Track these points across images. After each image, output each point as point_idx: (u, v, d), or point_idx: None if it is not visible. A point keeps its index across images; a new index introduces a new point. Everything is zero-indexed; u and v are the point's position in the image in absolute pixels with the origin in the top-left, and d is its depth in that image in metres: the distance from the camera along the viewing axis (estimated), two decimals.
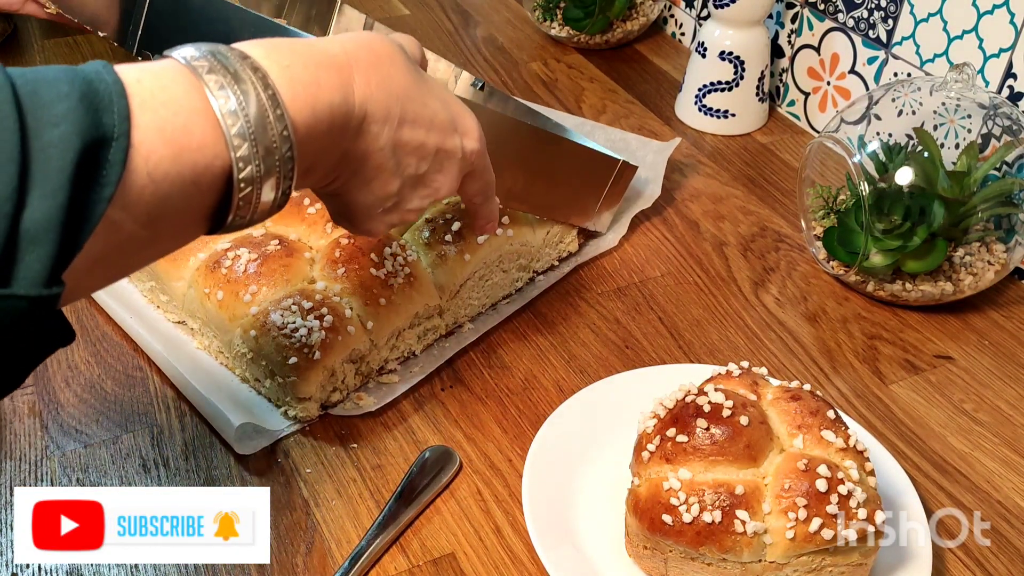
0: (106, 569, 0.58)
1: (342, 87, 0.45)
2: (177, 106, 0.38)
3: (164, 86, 0.38)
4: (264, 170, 0.40)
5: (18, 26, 1.19)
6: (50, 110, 0.33)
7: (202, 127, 0.38)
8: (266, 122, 0.40)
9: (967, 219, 0.77)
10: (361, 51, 0.47)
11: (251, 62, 0.41)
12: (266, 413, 0.68)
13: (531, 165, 0.76)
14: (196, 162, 0.38)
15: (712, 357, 0.75)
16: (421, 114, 0.50)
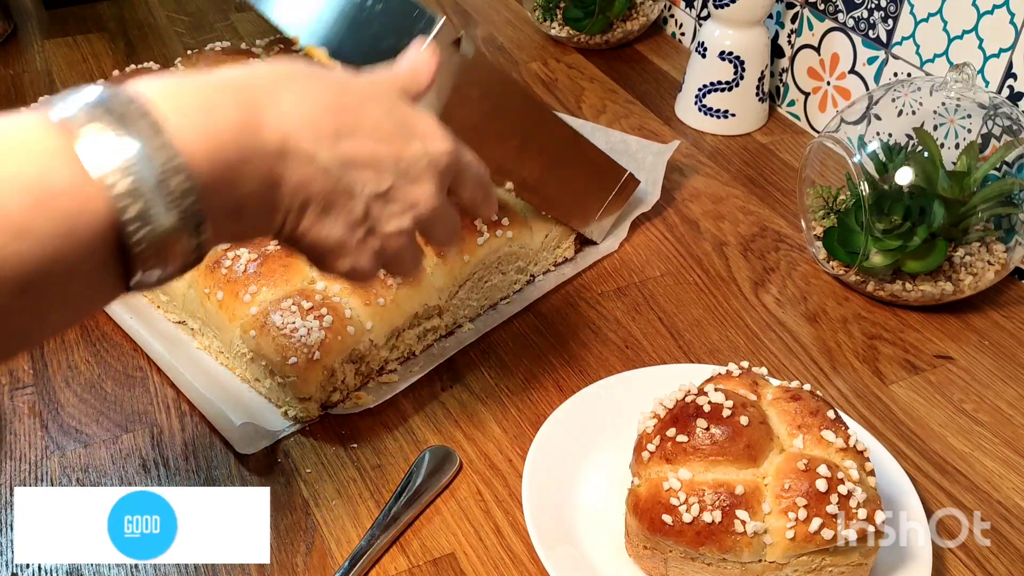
0: (106, 569, 0.58)
1: (240, 105, 0.40)
2: (29, 153, 0.34)
3: (7, 132, 0.34)
4: (158, 205, 0.35)
5: (18, 26, 1.20)
6: None
7: (66, 172, 0.34)
8: (147, 153, 0.35)
9: (967, 219, 0.77)
10: (266, 72, 0.43)
11: (128, 95, 0.36)
12: (266, 413, 0.68)
13: (550, 155, 0.77)
14: (64, 210, 0.33)
15: (712, 357, 0.75)
16: (361, 124, 0.45)
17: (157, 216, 0.35)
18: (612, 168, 0.83)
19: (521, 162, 0.70)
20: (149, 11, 1.26)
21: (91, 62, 1.13)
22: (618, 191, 0.84)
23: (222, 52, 1.00)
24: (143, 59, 1.08)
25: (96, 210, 0.34)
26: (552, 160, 0.77)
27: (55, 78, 1.10)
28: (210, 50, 1.00)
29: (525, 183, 0.76)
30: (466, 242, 0.75)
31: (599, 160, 0.82)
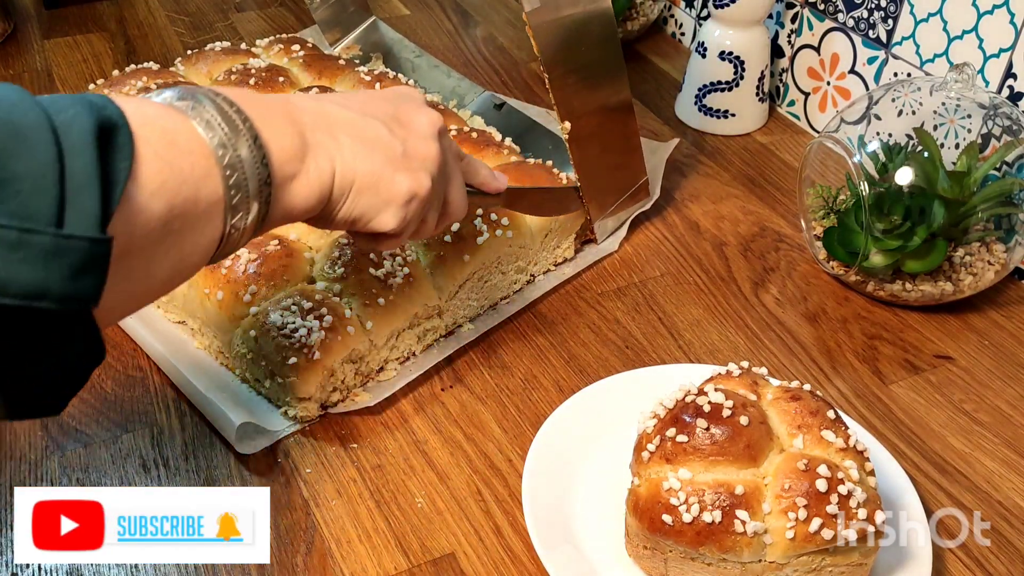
0: (106, 569, 0.58)
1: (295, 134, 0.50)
2: (158, 116, 0.43)
3: (141, 106, 0.42)
4: (242, 160, 0.45)
5: (18, 26, 1.20)
6: (57, 105, 0.37)
7: (184, 135, 0.43)
8: (232, 123, 0.45)
9: (967, 219, 0.77)
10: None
11: (213, 91, 0.46)
12: (266, 413, 0.68)
13: (607, 114, 0.81)
14: (191, 165, 0.42)
15: (712, 357, 0.75)
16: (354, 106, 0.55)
17: (245, 172, 0.45)
18: (640, 164, 0.85)
19: (585, 107, 0.77)
20: (149, 11, 1.26)
21: (91, 62, 1.13)
22: (633, 192, 0.85)
23: (222, 52, 1.00)
24: (143, 59, 1.08)
25: (211, 168, 0.43)
26: (606, 120, 0.81)
27: (55, 78, 1.10)
28: (210, 50, 1.01)
29: (579, 133, 0.78)
30: (466, 242, 0.75)
31: (636, 152, 0.85)
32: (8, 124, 0.35)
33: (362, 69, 0.98)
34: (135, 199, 0.39)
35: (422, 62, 1.11)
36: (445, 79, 1.07)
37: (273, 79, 0.94)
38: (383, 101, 0.57)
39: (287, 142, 0.48)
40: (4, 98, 0.36)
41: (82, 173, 0.36)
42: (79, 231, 0.35)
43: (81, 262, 0.35)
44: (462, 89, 1.05)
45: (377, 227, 0.54)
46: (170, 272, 0.44)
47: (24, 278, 0.33)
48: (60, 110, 0.37)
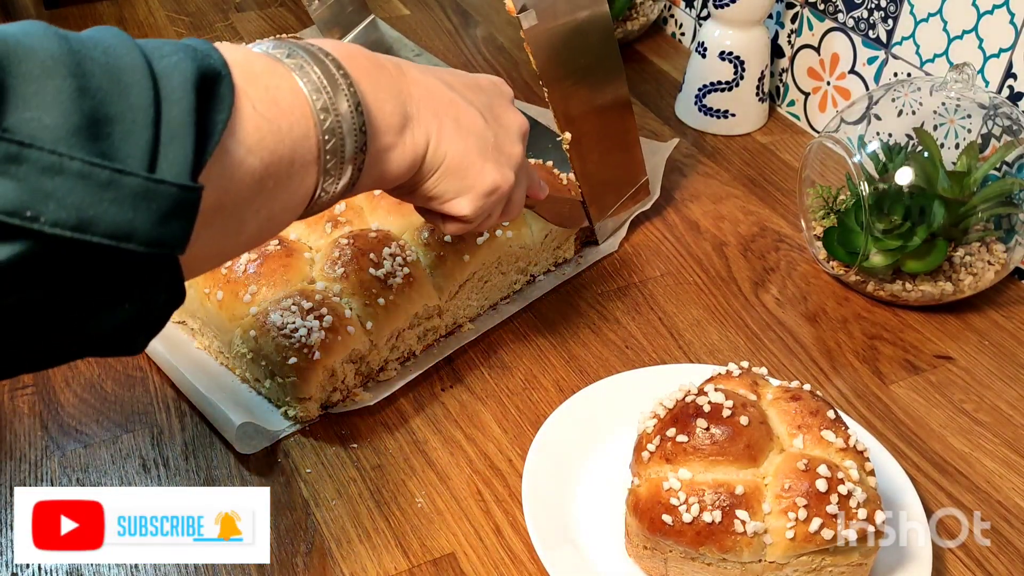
0: (106, 569, 0.58)
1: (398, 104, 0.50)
2: (263, 72, 0.42)
3: (248, 59, 0.42)
4: (342, 126, 0.44)
5: None
6: (160, 50, 0.37)
7: (287, 93, 0.43)
8: (337, 87, 0.44)
9: (967, 219, 0.77)
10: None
11: (322, 50, 0.45)
12: (266, 413, 0.68)
13: (607, 119, 0.81)
14: (291, 125, 0.42)
15: (712, 357, 0.75)
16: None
17: (344, 135, 0.45)
18: (639, 164, 0.86)
19: (584, 113, 0.77)
20: (149, 11, 1.26)
21: None
22: (633, 193, 0.85)
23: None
24: None
25: (310, 130, 0.43)
26: (606, 126, 0.81)
27: None
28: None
29: (580, 140, 0.78)
30: (466, 242, 0.75)
31: (635, 150, 0.85)
32: (106, 67, 0.35)
33: None
34: (231, 153, 0.39)
35: (422, 61, 1.11)
36: None
37: None
38: (480, 91, 0.57)
39: (389, 113, 0.48)
40: (104, 41, 0.36)
41: (177, 120, 0.36)
42: (169, 177, 0.35)
43: (170, 207, 0.35)
44: None
45: (453, 210, 0.55)
46: (258, 228, 0.44)
47: (112, 218, 0.33)
48: (163, 56, 0.37)
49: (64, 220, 0.32)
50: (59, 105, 0.33)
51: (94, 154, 0.33)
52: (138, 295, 0.37)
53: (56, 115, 0.33)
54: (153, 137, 0.35)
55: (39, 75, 0.33)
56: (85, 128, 0.33)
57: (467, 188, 0.54)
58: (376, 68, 0.49)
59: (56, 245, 0.33)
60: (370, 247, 0.71)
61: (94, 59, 0.35)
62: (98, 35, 0.36)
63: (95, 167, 0.33)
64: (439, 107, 0.52)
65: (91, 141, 0.33)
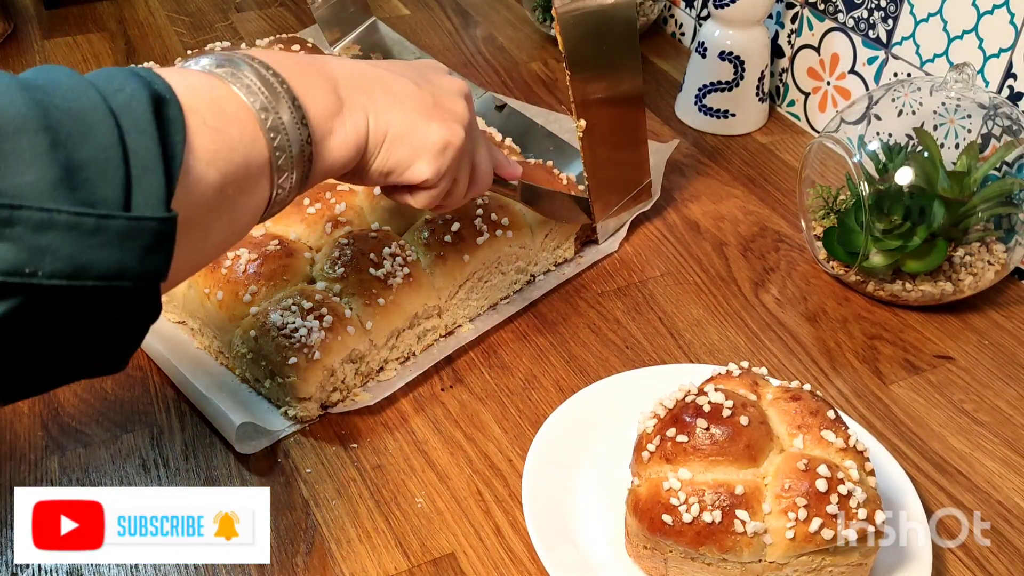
0: (106, 569, 0.58)
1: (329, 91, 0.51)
2: (202, 85, 0.44)
3: (186, 77, 0.44)
4: (284, 122, 0.46)
5: (18, 26, 1.20)
6: (112, 83, 0.38)
7: (229, 102, 0.44)
8: (271, 88, 0.46)
9: (967, 219, 0.77)
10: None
11: (248, 55, 0.47)
12: (266, 413, 0.68)
13: (619, 115, 0.82)
14: (239, 132, 0.44)
15: (712, 357, 0.75)
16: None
17: (288, 131, 0.46)
18: (645, 165, 0.86)
19: (601, 104, 0.78)
20: (149, 11, 1.26)
21: (91, 62, 1.13)
22: (636, 194, 0.85)
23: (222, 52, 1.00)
24: (143, 59, 1.08)
25: (257, 133, 0.45)
26: (619, 121, 0.82)
27: None
28: (210, 50, 1.00)
29: (593, 130, 0.78)
30: (466, 242, 0.75)
31: (643, 150, 0.85)
32: (68, 112, 0.36)
33: None
34: (192, 170, 0.40)
35: None
36: None
37: None
38: (409, 67, 0.58)
39: (323, 100, 0.49)
40: (58, 83, 0.37)
41: (145, 153, 0.37)
42: (148, 212, 0.36)
43: (152, 241, 0.36)
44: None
45: (412, 178, 0.55)
46: (224, 235, 0.46)
47: (103, 261, 0.35)
48: (116, 89, 0.38)
49: (60, 271, 0.34)
50: (37, 161, 0.34)
51: (76, 203, 0.34)
52: (123, 320, 0.38)
53: (36, 171, 0.34)
54: (125, 175, 0.36)
55: (12, 134, 0.34)
56: (64, 179, 0.34)
57: (418, 151, 0.55)
58: (299, 63, 0.50)
59: (52, 293, 0.34)
60: (370, 247, 0.71)
61: (57, 106, 0.36)
62: (51, 77, 0.38)
63: (82, 216, 0.34)
64: (367, 84, 0.53)
65: (71, 191, 0.34)
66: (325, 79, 0.51)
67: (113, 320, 0.38)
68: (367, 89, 0.53)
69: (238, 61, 0.46)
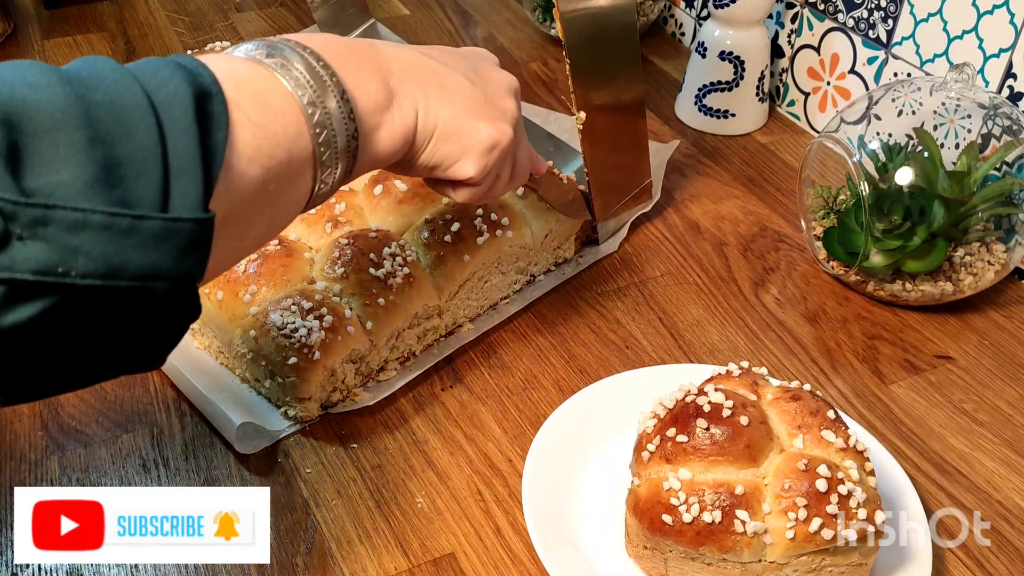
0: (106, 569, 0.58)
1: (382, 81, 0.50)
2: (249, 77, 0.43)
3: (233, 68, 0.43)
4: (331, 117, 0.45)
5: (18, 26, 1.19)
6: (155, 77, 0.38)
7: (275, 95, 0.43)
8: (320, 80, 0.45)
9: (967, 219, 0.77)
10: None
11: (300, 44, 0.46)
12: (266, 413, 0.68)
13: (619, 113, 0.82)
14: (283, 127, 0.43)
15: (712, 357, 0.75)
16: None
17: (333, 128, 0.45)
18: (645, 166, 0.86)
19: (601, 99, 0.78)
20: (149, 11, 1.26)
21: None
22: (636, 194, 0.85)
23: (222, 52, 1.00)
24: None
25: (302, 127, 0.44)
26: (619, 118, 0.82)
27: None
28: (210, 50, 1.01)
29: (593, 125, 0.78)
30: (466, 242, 0.75)
31: (643, 149, 0.86)
32: (110, 108, 0.35)
33: None
34: (233, 168, 0.40)
35: None
36: None
37: None
38: (462, 58, 0.58)
39: (373, 93, 0.49)
40: (102, 76, 0.37)
41: (184, 152, 0.36)
42: (184, 213, 0.36)
43: (188, 242, 0.36)
44: None
45: (457, 174, 0.55)
46: (264, 230, 0.45)
47: (137, 261, 0.34)
48: (159, 84, 0.37)
49: (94, 271, 0.33)
50: (74, 158, 0.34)
51: (112, 202, 0.34)
52: (160, 319, 0.38)
53: (72, 169, 0.34)
54: (163, 174, 0.36)
55: (50, 129, 0.34)
56: (101, 178, 0.34)
57: (466, 149, 0.54)
58: (353, 52, 0.49)
59: (86, 292, 0.34)
60: (370, 247, 0.71)
61: (98, 102, 0.35)
62: (94, 69, 0.37)
63: (116, 216, 0.34)
64: (421, 76, 0.52)
65: (107, 189, 0.34)
66: (377, 69, 0.50)
67: (150, 319, 0.38)
68: (420, 81, 0.52)
69: (288, 50, 0.45)
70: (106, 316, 0.36)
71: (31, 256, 0.32)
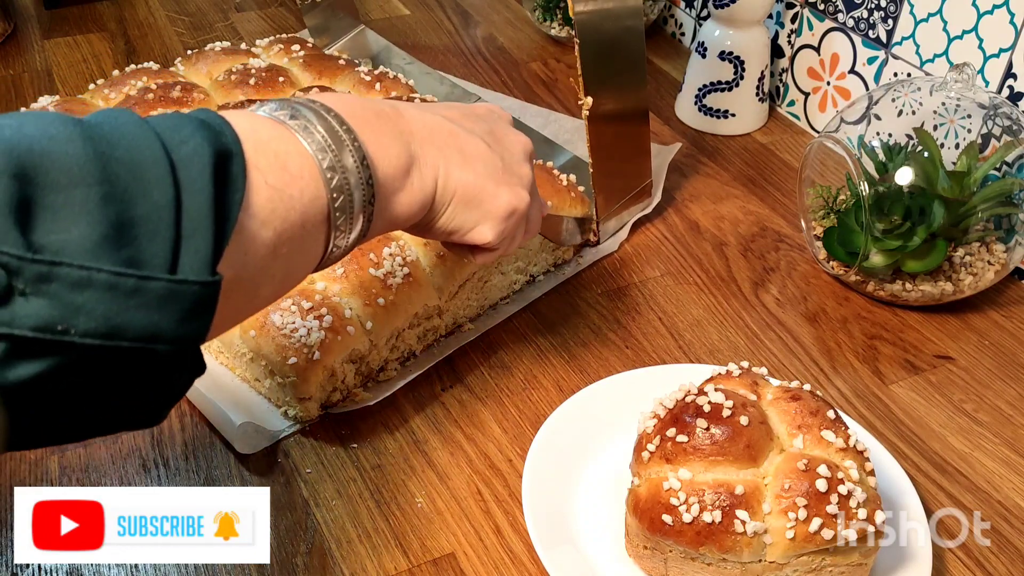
0: (106, 569, 0.58)
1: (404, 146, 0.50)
2: (271, 139, 0.43)
3: (255, 128, 0.43)
4: (349, 182, 0.45)
5: (18, 26, 1.20)
6: (177, 134, 0.38)
7: (295, 157, 0.43)
8: (341, 143, 0.45)
9: (967, 219, 0.77)
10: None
11: (324, 106, 0.46)
12: (266, 413, 0.68)
13: (624, 107, 0.82)
14: (300, 191, 0.43)
15: (712, 357, 0.75)
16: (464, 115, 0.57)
17: (351, 193, 0.45)
18: (646, 166, 0.87)
19: (607, 88, 0.79)
20: (149, 11, 1.26)
21: (91, 62, 1.13)
22: (636, 194, 0.85)
23: (222, 52, 1.00)
24: (143, 59, 1.09)
25: (319, 191, 0.44)
26: (623, 109, 0.83)
27: (55, 78, 1.10)
28: (210, 50, 1.01)
29: (598, 110, 0.78)
30: None
31: (645, 149, 0.86)
32: (128, 164, 0.35)
33: (362, 69, 0.98)
34: (246, 230, 0.39)
35: (413, 69, 1.11)
36: (438, 85, 1.07)
37: (273, 79, 0.94)
38: (478, 119, 0.57)
39: (394, 158, 0.49)
40: (123, 132, 0.36)
41: (197, 213, 0.36)
42: (191, 275, 0.35)
43: (192, 305, 0.35)
44: (455, 95, 1.05)
45: (475, 239, 0.55)
46: (273, 291, 0.45)
47: (139, 323, 0.34)
48: (180, 141, 0.37)
49: (94, 330, 0.33)
50: (86, 215, 0.33)
51: (120, 261, 0.34)
52: (161, 379, 0.38)
53: (83, 226, 0.33)
54: (175, 235, 0.35)
55: (66, 184, 0.33)
56: (111, 236, 0.34)
57: (484, 215, 0.54)
58: (375, 116, 0.49)
59: (86, 352, 0.33)
60: (370, 247, 0.71)
61: (117, 159, 0.35)
62: (116, 123, 0.37)
63: (121, 276, 0.33)
64: (442, 141, 0.52)
65: (117, 249, 0.34)
66: (400, 133, 0.50)
67: (151, 379, 0.37)
68: (441, 146, 0.52)
69: (311, 112, 0.45)
70: (106, 376, 0.35)
71: (32, 312, 0.32)
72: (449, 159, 0.52)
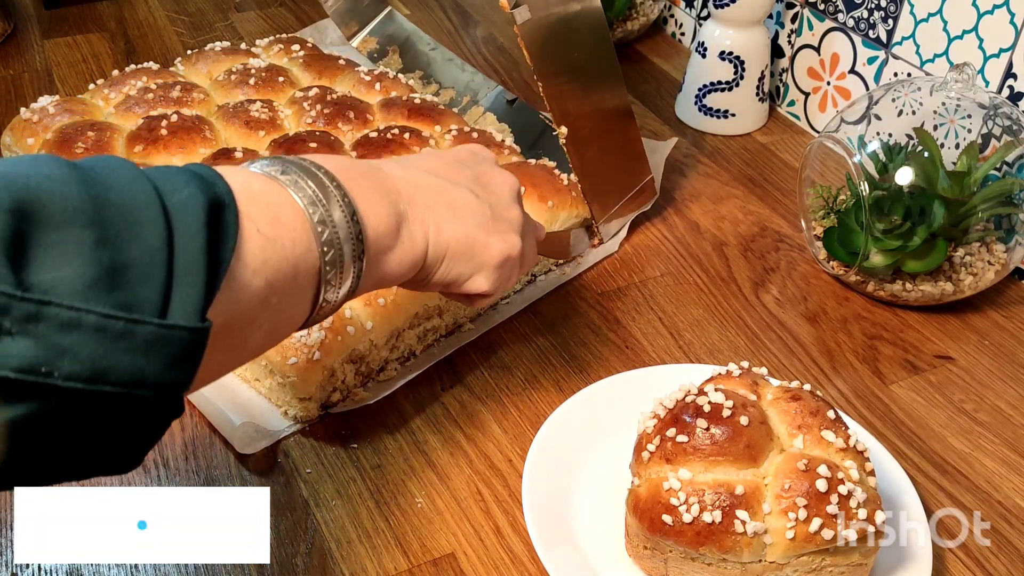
0: (106, 569, 0.58)
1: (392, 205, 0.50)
2: (263, 192, 0.43)
3: (248, 181, 0.43)
4: (339, 236, 0.45)
5: (18, 26, 1.20)
6: (172, 183, 0.38)
7: (286, 209, 0.43)
8: (331, 198, 0.45)
9: (967, 219, 0.77)
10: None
11: (313, 163, 0.46)
12: (266, 413, 0.68)
13: (604, 116, 0.82)
14: (292, 242, 0.43)
15: (712, 357, 0.75)
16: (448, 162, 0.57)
17: (341, 247, 0.45)
18: (643, 164, 0.86)
19: (581, 109, 0.78)
20: (149, 11, 1.26)
21: (91, 62, 1.13)
22: (636, 192, 0.85)
23: (222, 52, 1.00)
24: (143, 59, 1.08)
25: (311, 244, 0.44)
26: (603, 122, 0.81)
27: (55, 78, 1.10)
28: (210, 50, 1.01)
29: (577, 135, 0.78)
30: None
31: (636, 149, 0.85)
32: (122, 208, 0.35)
33: (362, 69, 0.98)
34: (238, 278, 0.40)
35: (437, 55, 1.11)
36: (459, 73, 1.07)
37: (273, 79, 0.94)
38: (463, 166, 0.57)
39: (384, 217, 0.49)
40: (117, 177, 0.36)
41: (189, 258, 0.36)
42: (181, 320, 0.35)
43: (179, 351, 0.35)
44: (476, 84, 1.05)
45: (471, 289, 0.55)
46: (260, 342, 0.45)
47: (125, 367, 0.33)
48: (173, 190, 0.37)
49: (78, 373, 0.32)
50: (79, 257, 0.33)
51: (111, 304, 0.33)
52: (140, 424, 0.37)
53: (75, 267, 0.33)
54: (166, 279, 0.35)
55: (60, 223, 0.33)
56: (103, 279, 0.33)
57: (479, 267, 0.54)
58: (362, 175, 0.49)
59: (69, 395, 0.33)
60: None
61: (111, 202, 0.35)
62: (110, 168, 0.37)
63: (110, 319, 0.33)
64: (429, 198, 0.52)
65: (108, 291, 0.33)
66: (386, 192, 0.50)
67: (130, 424, 0.37)
68: (428, 203, 0.52)
69: (301, 169, 0.45)
70: (86, 420, 0.34)
71: (17, 353, 0.31)
72: (438, 215, 0.52)
